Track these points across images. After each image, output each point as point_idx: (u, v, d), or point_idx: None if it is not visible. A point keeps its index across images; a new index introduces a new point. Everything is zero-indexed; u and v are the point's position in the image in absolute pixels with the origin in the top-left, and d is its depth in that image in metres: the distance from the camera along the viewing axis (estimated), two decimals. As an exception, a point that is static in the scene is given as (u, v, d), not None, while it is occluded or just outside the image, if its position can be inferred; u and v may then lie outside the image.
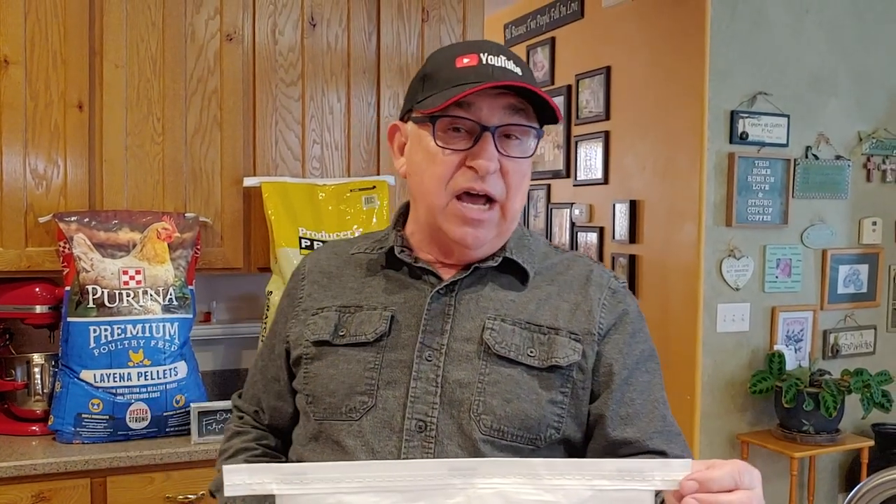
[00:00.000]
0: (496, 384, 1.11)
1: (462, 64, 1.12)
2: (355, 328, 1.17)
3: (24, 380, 2.40)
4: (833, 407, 3.51)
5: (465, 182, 1.12)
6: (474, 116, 1.10)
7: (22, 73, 2.37)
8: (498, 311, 1.16)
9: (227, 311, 2.96)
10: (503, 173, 1.13)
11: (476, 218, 1.13)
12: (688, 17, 3.73)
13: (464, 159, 1.12)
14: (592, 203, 4.50)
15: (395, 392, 1.11)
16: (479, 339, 1.13)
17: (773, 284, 3.84)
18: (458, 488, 0.79)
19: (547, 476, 0.79)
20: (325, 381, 1.15)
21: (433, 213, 1.15)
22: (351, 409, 1.12)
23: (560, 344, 1.14)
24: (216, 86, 2.58)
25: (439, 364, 1.12)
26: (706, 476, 0.82)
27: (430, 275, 1.19)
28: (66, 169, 2.43)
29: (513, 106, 1.12)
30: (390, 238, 1.23)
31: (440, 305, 1.16)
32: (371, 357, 1.14)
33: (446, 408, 1.10)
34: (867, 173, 4.05)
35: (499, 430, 1.09)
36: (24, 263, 2.39)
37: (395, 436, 1.09)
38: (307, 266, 1.30)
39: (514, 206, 1.16)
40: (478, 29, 2.88)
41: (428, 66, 1.18)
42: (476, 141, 1.11)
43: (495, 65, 1.12)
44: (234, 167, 2.61)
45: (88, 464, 2.18)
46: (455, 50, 1.16)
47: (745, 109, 3.70)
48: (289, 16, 2.67)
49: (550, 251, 1.27)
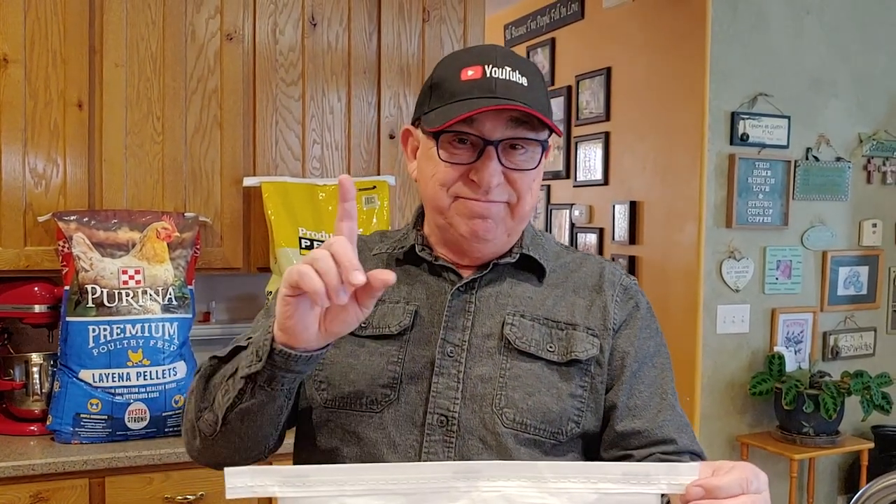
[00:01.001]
0: (517, 378, 1.13)
1: (467, 77, 1.12)
2: (378, 320, 1.17)
3: (23, 379, 2.38)
4: (833, 409, 3.50)
5: (469, 194, 1.13)
6: (477, 131, 1.11)
7: (21, 72, 2.36)
8: (517, 307, 1.18)
9: (227, 311, 2.95)
10: (509, 182, 1.14)
11: (480, 210, 1.14)
12: (688, 18, 3.72)
13: (467, 171, 1.13)
14: (592, 204, 4.49)
15: (418, 387, 1.13)
16: (499, 335, 1.15)
17: (773, 286, 3.83)
18: (462, 491, 0.78)
19: (552, 479, 0.78)
20: (344, 369, 1.15)
21: (441, 212, 1.17)
22: (372, 400, 1.12)
23: (578, 339, 1.16)
24: (216, 85, 2.57)
25: (461, 360, 1.13)
26: (713, 484, 0.81)
27: (450, 272, 1.20)
28: (65, 168, 2.42)
29: (516, 119, 1.12)
30: (410, 237, 1.25)
31: (461, 302, 1.18)
32: (395, 350, 1.15)
33: (468, 403, 1.11)
34: (867, 175, 4.05)
35: (522, 422, 1.11)
36: (23, 263, 2.39)
37: (417, 430, 1.11)
38: None
39: (524, 208, 1.17)
40: (478, 29, 2.88)
41: (436, 75, 1.18)
42: (479, 155, 1.12)
43: (499, 77, 1.12)
44: (233, 167, 2.60)
45: (87, 464, 2.17)
46: (461, 59, 1.16)
47: (746, 111, 3.70)
48: (289, 15, 2.67)
49: (562, 250, 1.29)
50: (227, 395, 1.05)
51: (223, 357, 1.10)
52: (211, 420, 1.08)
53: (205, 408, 1.10)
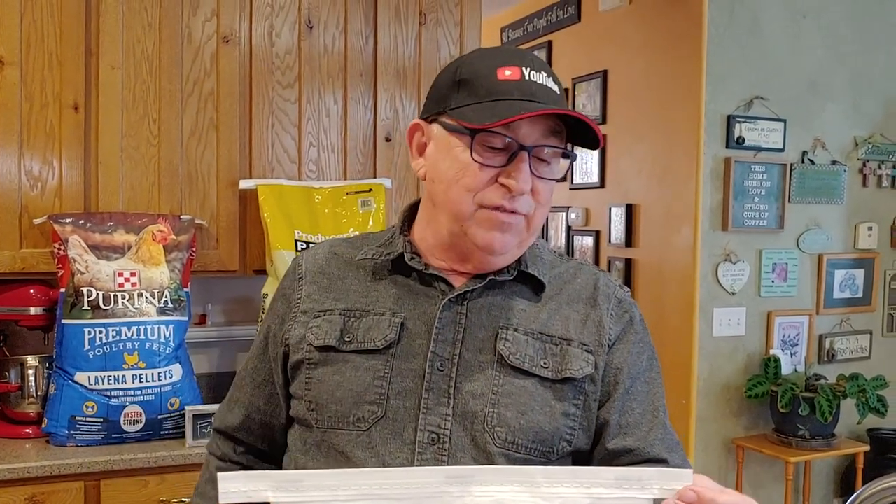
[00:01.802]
0: (510, 396, 1.09)
1: (504, 76, 1.09)
2: (363, 334, 1.13)
3: (18, 382, 2.38)
4: (828, 412, 3.51)
5: (497, 199, 1.09)
6: (513, 135, 1.07)
7: (17, 74, 2.35)
8: (510, 320, 1.14)
9: (223, 314, 2.95)
10: (533, 192, 1.11)
11: (506, 221, 1.10)
12: (685, 21, 3.73)
13: (496, 175, 1.08)
14: (588, 207, 4.50)
15: (406, 403, 1.09)
16: (492, 350, 1.11)
17: (768, 289, 3.84)
18: (454, 496, 0.78)
19: (545, 484, 0.78)
20: (331, 388, 1.11)
21: (459, 219, 1.11)
22: (359, 418, 1.09)
23: (573, 355, 1.13)
24: (212, 88, 2.57)
25: (451, 375, 1.09)
26: (708, 496, 0.80)
27: (442, 282, 1.16)
28: (61, 170, 2.42)
29: (551, 129, 1.10)
30: (398, 244, 1.20)
31: (451, 314, 1.13)
32: (381, 365, 1.11)
33: (459, 419, 1.08)
34: (863, 178, 4.05)
35: (513, 442, 1.08)
36: (18, 265, 2.38)
37: (407, 448, 1.07)
38: (304, 266, 1.24)
39: (539, 220, 1.14)
40: (475, 32, 2.88)
41: (464, 71, 1.12)
42: (511, 159, 1.08)
43: (537, 82, 1.09)
44: (230, 169, 2.60)
45: (82, 467, 2.17)
46: (496, 59, 1.12)
47: (742, 114, 3.70)
48: (286, 18, 2.66)
49: (556, 260, 1.25)
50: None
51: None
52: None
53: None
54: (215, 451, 1.31)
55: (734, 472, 3.79)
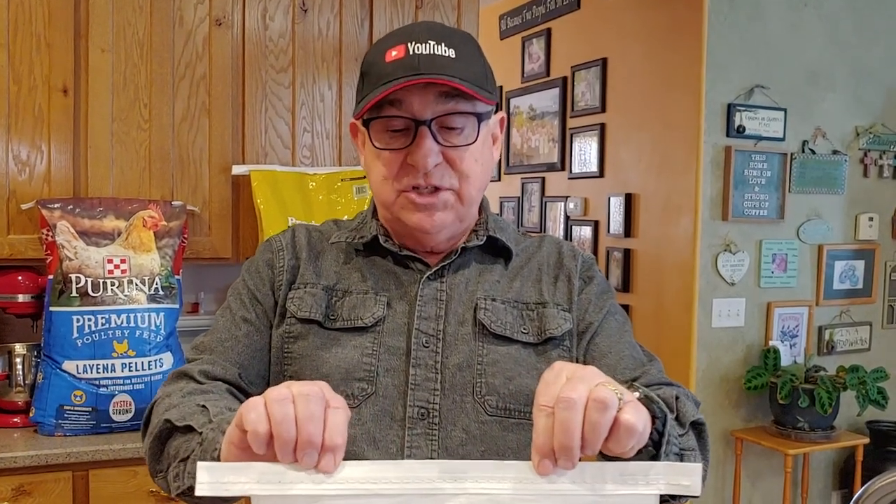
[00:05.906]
0: (496, 364, 1.11)
1: (391, 58, 1.07)
2: (348, 312, 1.14)
3: (6, 370, 2.34)
4: (828, 404, 3.48)
5: (412, 180, 1.09)
6: (406, 112, 1.06)
7: (5, 56, 2.31)
8: (487, 291, 1.17)
9: (215, 302, 2.91)
10: (450, 163, 1.09)
11: (425, 202, 1.10)
12: (685, 9, 3.69)
13: (405, 157, 1.08)
14: (587, 196, 4.46)
15: (395, 380, 1.10)
16: (473, 320, 1.14)
17: (768, 279, 3.81)
18: (449, 493, 0.74)
19: (545, 480, 0.74)
20: (316, 363, 1.11)
21: (389, 208, 1.14)
22: (348, 395, 1.08)
23: (550, 316, 1.16)
24: (204, 71, 2.52)
25: (437, 350, 1.11)
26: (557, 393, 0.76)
27: (417, 261, 1.18)
28: (49, 155, 2.37)
29: (445, 94, 1.06)
30: (370, 227, 1.20)
31: (431, 291, 1.15)
32: (368, 343, 1.12)
33: (448, 393, 1.09)
34: (864, 168, 4.02)
35: (505, 408, 1.09)
36: (6, 251, 2.34)
37: (397, 424, 1.08)
38: (284, 240, 1.23)
39: (470, 191, 1.12)
40: (472, 16, 2.83)
41: (364, 63, 1.13)
42: (413, 138, 1.07)
43: (424, 53, 1.06)
44: (222, 155, 2.55)
45: (70, 456, 2.13)
46: (386, 42, 1.10)
47: (742, 103, 3.66)
48: (279, 1, 2.62)
49: (520, 236, 1.28)
50: (178, 480, 0.96)
51: (179, 427, 0.98)
52: (166, 488, 1.02)
53: (159, 471, 1.03)
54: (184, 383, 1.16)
55: (732, 464, 3.77)
